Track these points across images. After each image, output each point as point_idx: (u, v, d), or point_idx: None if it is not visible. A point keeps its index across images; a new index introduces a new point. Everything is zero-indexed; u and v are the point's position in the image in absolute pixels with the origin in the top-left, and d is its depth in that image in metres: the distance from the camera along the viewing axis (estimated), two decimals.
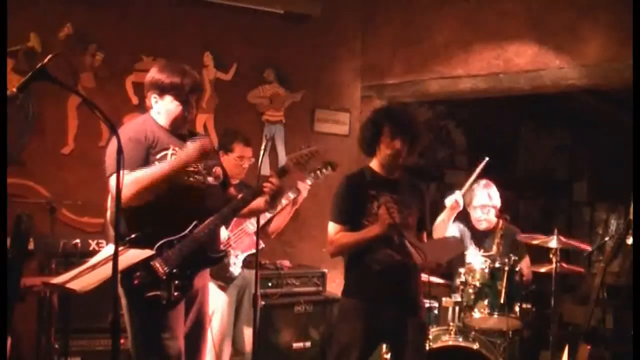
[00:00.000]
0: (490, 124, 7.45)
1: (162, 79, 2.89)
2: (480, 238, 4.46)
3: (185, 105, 2.92)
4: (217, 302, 4.07)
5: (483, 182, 4.54)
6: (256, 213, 3.20)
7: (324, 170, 4.16)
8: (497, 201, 4.50)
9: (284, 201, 4.36)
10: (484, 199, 4.45)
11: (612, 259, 3.66)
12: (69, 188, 4.44)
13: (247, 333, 4.35)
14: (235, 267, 4.13)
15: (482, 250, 4.19)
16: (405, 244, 3.20)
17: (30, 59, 4.40)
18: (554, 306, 4.00)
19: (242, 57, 5.21)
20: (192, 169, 2.92)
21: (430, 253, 3.22)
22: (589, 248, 4.26)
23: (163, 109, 2.92)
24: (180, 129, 2.99)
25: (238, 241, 4.22)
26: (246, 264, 4.28)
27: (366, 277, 3.23)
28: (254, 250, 4.24)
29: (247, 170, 4.32)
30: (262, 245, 4.21)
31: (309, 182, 4.23)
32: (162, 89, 2.90)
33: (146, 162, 2.82)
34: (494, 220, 4.45)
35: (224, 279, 4.08)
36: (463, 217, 4.66)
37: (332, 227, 3.26)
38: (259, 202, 3.03)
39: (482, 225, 4.46)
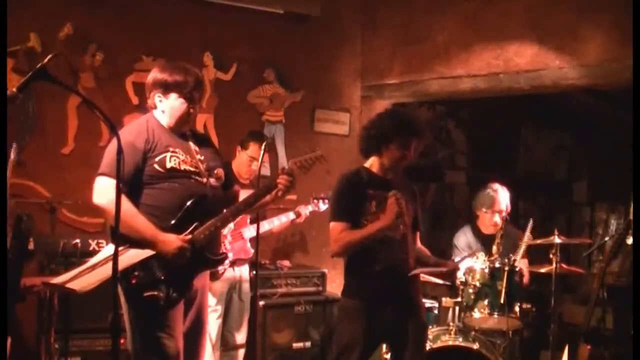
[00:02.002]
0: (490, 124, 7.45)
1: (165, 77, 2.89)
2: (487, 243, 4.46)
3: (190, 101, 2.92)
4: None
5: (497, 185, 4.58)
6: (260, 207, 3.19)
7: (327, 201, 4.47)
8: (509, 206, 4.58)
9: (283, 219, 4.45)
10: (506, 202, 4.52)
11: (612, 259, 3.66)
12: (69, 188, 4.44)
13: (237, 333, 4.34)
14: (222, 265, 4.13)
15: (488, 256, 4.19)
16: (407, 242, 3.23)
17: (30, 59, 4.39)
18: (554, 306, 4.00)
19: (242, 57, 5.21)
20: (192, 169, 2.93)
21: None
22: (589, 241, 4.27)
23: (167, 107, 2.92)
24: (184, 127, 2.99)
25: (233, 242, 4.22)
26: (239, 263, 4.27)
27: (366, 277, 3.23)
28: (243, 256, 4.26)
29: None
30: (252, 251, 4.23)
31: (310, 208, 4.56)
32: (166, 87, 2.90)
33: (142, 166, 2.82)
34: None
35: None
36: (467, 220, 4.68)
37: (335, 226, 3.21)
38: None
39: (495, 229, 4.48)
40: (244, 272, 4.38)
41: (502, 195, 4.55)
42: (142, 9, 4.84)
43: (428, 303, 4.26)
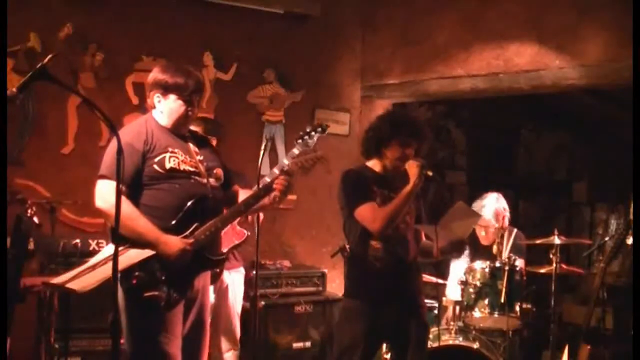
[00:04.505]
0: (490, 124, 7.45)
1: (166, 78, 2.89)
2: (485, 253, 4.45)
3: (188, 104, 2.92)
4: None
5: (494, 196, 4.53)
6: (261, 209, 3.18)
7: (313, 134, 3.12)
8: (504, 221, 4.51)
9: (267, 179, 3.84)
10: (490, 219, 4.47)
11: (612, 259, 3.66)
12: (69, 188, 4.44)
13: (223, 341, 4.22)
14: None
15: (488, 262, 4.18)
16: (408, 241, 3.22)
17: (30, 59, 4.39)
18: (554, 306, 4.00)
19: (242, 57, 5.21)
20: (192, 169, 2.92)
21: (447, 234, 3.23)
22: (589, 242, 4.25)
23: (166, 108, 2.92)
24: (182, 129, 2.99)
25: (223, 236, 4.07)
26: (229, 265, 4.03)
27: (367, 278, 3.23)
28: (236, 242, 4.15)
29: (246, 169, 4.30)
30: (247, 233, 4.08)
31: (296, 151, 3.11)
32: (165, 89, 2.90)
33: (141, 167, 2.82)
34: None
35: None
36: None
37: (367, 207, 3.16)
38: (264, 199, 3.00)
39: (487, 241, 4.47)
40: (235, 277, 4.23)
41: (489, 209, 4.46)
42: (142, 9, 4.84)
43: (429, 303, 4.26)
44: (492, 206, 4.48)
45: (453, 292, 4.40)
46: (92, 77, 4.69)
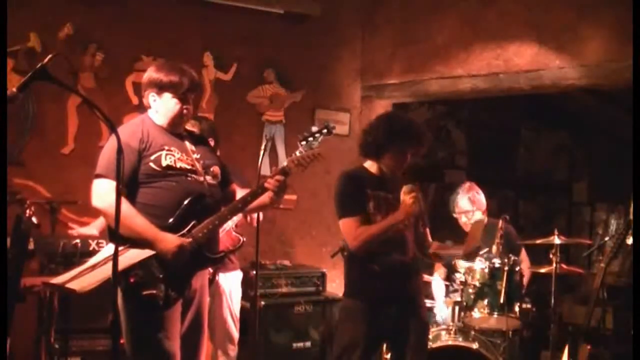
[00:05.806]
0: (490, 124, 7.45)
1: (161, 77, 2.90)
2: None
3: (184, 102, 2.92)
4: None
5: (466, 185, 4.57)
6: (261, 209, 3.18)
7: (318, 136, 3.05)
8: (481, 204, 4.53)
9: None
10: (466, 205, 4.51)
11: (612, 259, 3.67)
12: (69, 188, 4.44)
13: (219, 353, 4.13)
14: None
15: (487, 262, 4.18)
16: (408, 242, 3.23)
17: (30, 59, 4.39)
18: (554, 306, 4.00)
19: (242, 57, 5.21)
20: (189, 167, 2.92)
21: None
22: (589, 242, 4.25)
23: (161, 107, 2.93)
24: (178, 128, 3.00)
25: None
26: (223, 268, 4.00)
27: (367, 278, 3.23)
28: (231, 248, 4.12)
29: (246, 169, 4.31)
30: (242, 239, 4.07)
31: (298, 153, 3.04)
32: (160, 87, 2.90)
33: (138, 165, 2.82)
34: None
35: None
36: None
37: (350, 222, 3.16)
38: (263, 198, 3.00)
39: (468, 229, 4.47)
40: (231, 280, 4.13)
41: (462, 196, 4.53)
42: (142, 9, 4.84)
43: (428, 303, 4.26)
44: (465, 193, 4.55)
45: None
46: (92, 77, 4.68)
